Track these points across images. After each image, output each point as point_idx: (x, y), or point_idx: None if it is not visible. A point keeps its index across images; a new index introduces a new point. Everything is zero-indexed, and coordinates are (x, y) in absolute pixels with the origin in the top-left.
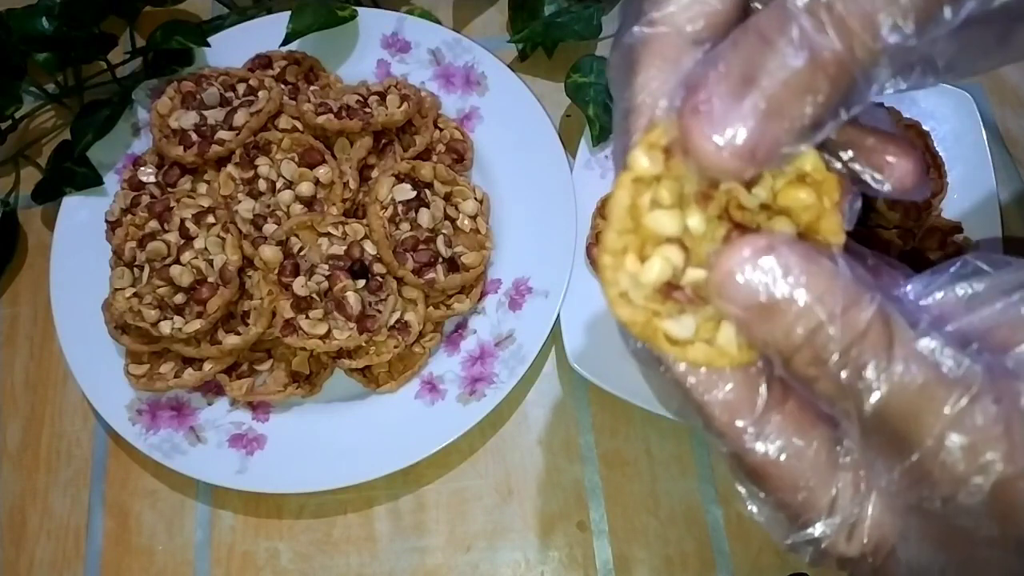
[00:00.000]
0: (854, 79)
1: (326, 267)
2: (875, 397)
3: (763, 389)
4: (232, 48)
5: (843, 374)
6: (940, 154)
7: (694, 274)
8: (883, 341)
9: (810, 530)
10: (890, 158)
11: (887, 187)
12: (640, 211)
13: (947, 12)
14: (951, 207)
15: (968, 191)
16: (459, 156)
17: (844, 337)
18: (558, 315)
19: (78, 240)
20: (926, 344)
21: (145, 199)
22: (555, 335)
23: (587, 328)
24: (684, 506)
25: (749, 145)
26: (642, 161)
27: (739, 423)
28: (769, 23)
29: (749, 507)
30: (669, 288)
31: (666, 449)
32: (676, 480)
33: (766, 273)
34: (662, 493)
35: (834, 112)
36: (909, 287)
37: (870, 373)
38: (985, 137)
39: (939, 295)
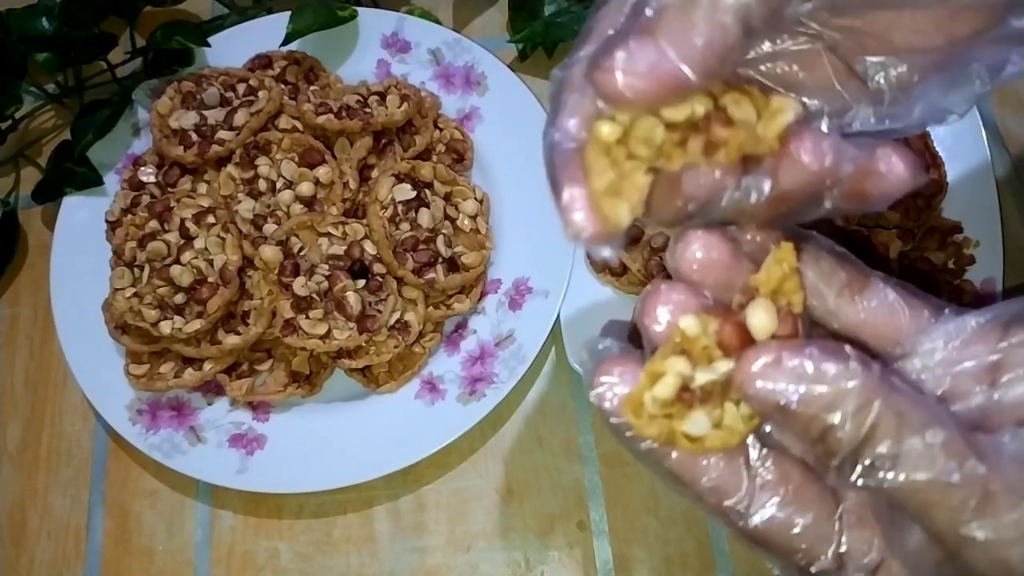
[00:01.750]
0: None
1: (326, 267)
2: (887, 484)
3: (744, 471)
4: (232, 48)
5: (856, 468)
6: (940, 154)
7: (702, 377)
8: (892, 434)
9: None
10: (881, 167)
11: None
12: (618, 160)
13: None
14: (951, 207)
15: (968, 191)
16: (459, 156)
17: (852, 439)
18: (558, 315)
19: (78, 240)
20: (928, 440)
21: (145, 199)
22: (555, 335)
23: (587, 328)
24: (684, 506)
25: (643, 67)
26: (604, 128)
27: (727, 504)
28: None
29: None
30: (681, 391)
31: None
32: None
33: (780, 382)
34: (662, 493)
35: (742, 36)
36: (938, 335)
37: (880, 466)
38: (985, 137)
39: (967, 355)
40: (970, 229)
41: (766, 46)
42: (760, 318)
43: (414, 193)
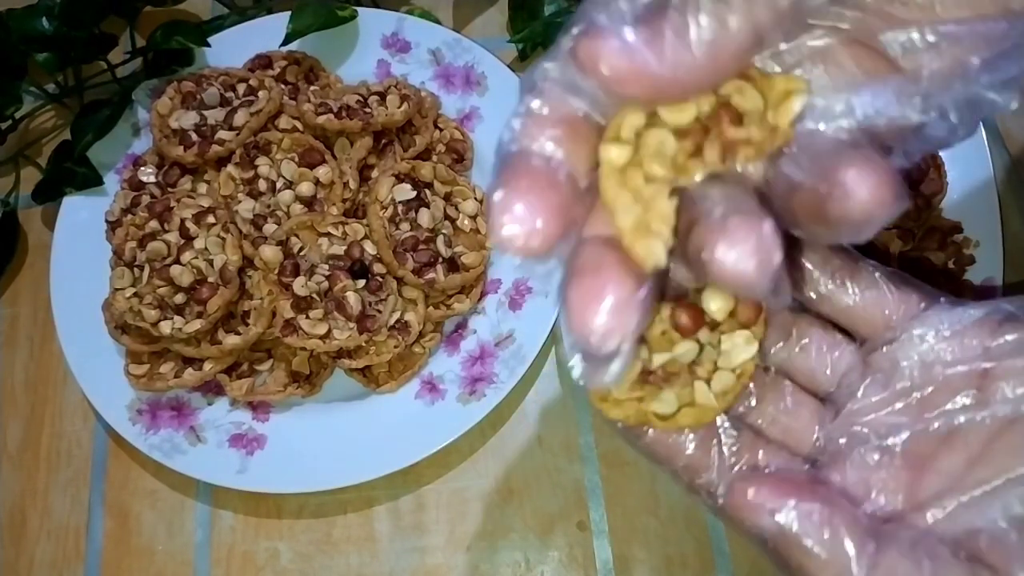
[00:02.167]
0: None
1: (326, 267)
2: None
3: (715, 450)
4: (232, 48)
5: None
6: (940, 154)
7: (660, 359)
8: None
9: None
10: (848, 179)
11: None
12: (638, 188)
13: None
14: (951, 207)
15: (968, 191)
16: (459, 156)
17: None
18: (558, 315)
19: (78, 240)
20: None
21: (145, 199)
22: (555, 335)
23: None
24: (684, 506)
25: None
26: (612, 152)
27: (699, 482)
28: None
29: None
30: (644, 375)
31: None
32: None
33: (761, 517)
34: (662, 493)
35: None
36: (931, 323)
37: None
38: (985, 137)
39: (958, 349)
40: (970, 229)
41: (781, 45)
42: (715, 301)
43: (414, 193)
